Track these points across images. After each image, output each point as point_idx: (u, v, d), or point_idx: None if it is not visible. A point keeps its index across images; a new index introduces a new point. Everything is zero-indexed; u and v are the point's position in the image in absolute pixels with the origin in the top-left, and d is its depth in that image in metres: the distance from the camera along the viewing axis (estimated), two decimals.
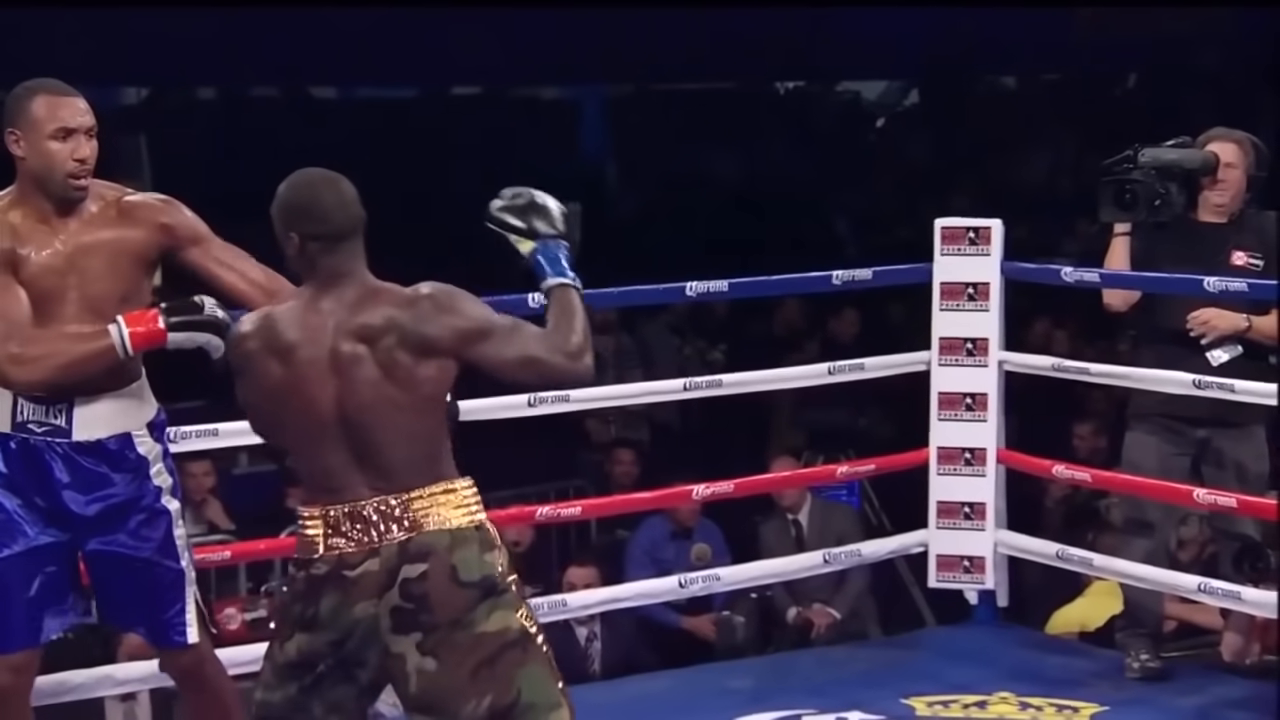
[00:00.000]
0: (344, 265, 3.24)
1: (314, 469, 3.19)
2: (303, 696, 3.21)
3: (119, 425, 3.49)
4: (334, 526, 3.16)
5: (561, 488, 7.47)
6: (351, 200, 3.27)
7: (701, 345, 9.39)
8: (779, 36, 11.25)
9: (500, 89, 12.43)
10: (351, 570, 3.14)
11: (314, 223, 3.20)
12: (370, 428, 3.16)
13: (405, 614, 3.14)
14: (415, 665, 3.13)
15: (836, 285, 5.18)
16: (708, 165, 11.89)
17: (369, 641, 3.16)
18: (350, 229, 3.25)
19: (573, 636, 6.54)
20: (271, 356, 3.17)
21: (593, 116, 12.81)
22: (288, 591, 3.24)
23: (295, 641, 3.19)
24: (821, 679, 5.03)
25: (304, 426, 3.16)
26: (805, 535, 6.96)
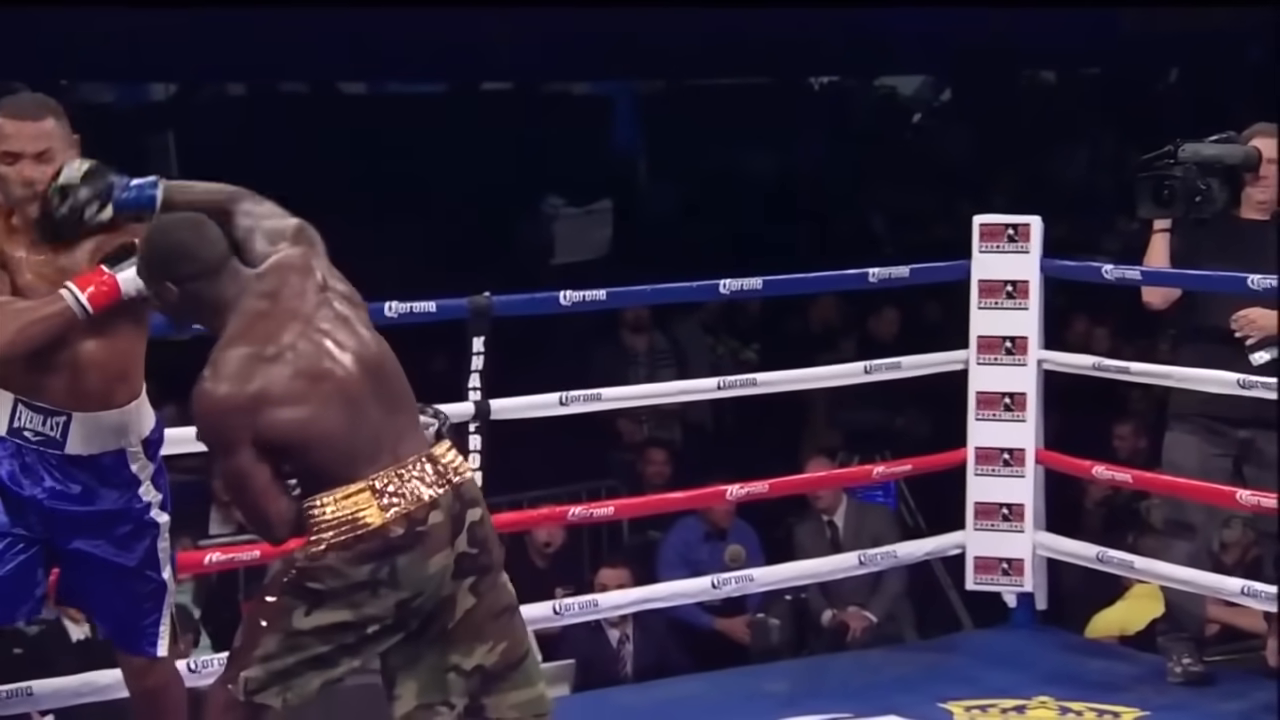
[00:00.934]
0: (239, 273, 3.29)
1: (358, 451, 3.21)
2: (343, 661, 3.26)
3: (113, 442, 3.47)
4: (383, 492, 3.21)
5: (593, 488, 7.43)
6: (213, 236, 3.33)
7: (735, 344, 9.34)
8: (813, 31, 11.18)
9: (531, 84, 12.39)
10: (423, 525, 3.22)
11: (194, 262, 3.26)
12: (392, 384, 3.28)
13: (469, 559, 3.26)
14: (462, 604, 3.26)
15: (873, 283, 5.13)
16: (741, 161, 11.83)
17: (437, 592, 3.24)
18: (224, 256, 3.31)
19: (604, 638, 6.50)
20: (285, 363, 3.20)
21: (624, 112, 12.76)
22: (340, 570, 3.21)
23: (349, 601, 3.21)
24: (857, 682, 4.98)
25: (341, 411, 3.20)
26: (840, 537, 6.92)
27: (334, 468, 3.22)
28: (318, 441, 3.20)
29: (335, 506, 3.21)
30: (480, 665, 3.29)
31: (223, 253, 3.28)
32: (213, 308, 3.26)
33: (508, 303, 4.58)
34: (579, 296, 4.63)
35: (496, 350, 4.52)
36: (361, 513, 3.21)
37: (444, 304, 4.46)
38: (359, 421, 3.23)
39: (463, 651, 3.28)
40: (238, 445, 3.18)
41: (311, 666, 3.26)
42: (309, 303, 3.27)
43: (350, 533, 3.21)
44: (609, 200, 10.80)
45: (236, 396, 3.17)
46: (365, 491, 3.21)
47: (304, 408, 3.20)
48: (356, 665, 3.30)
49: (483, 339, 4.48)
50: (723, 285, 4.87)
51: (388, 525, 3.21)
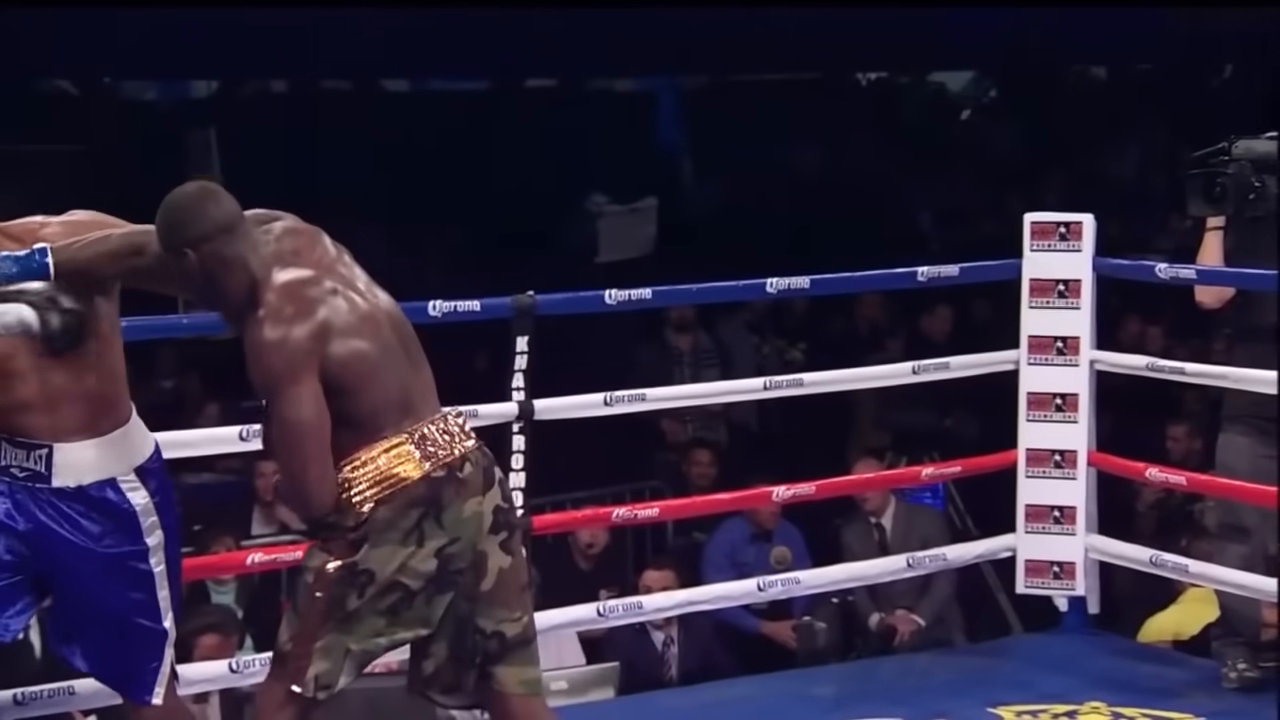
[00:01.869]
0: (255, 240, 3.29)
1: (396, 401, 3.28)
2: (394, 626, 3.29)
3: (102, 471, 3.39)
4: (420, 444, 3.28)
5: (637, 489, 7.39)
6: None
7: (780, 344, 9.29)
8: (861, 26, 11.11)
9: (574, 81, 12.34)
10: (460, 472, 3.30)
11: (205, 221, 3.25)
12: (414, 341, 3.36)
13: (502, 513, 3.35)
14: (496, 563, 3.33)
15: (921, 282, 5.07)
16: (787, 158, 11.76)
17: (469, 541, 3.30)
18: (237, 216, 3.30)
19: (649, 641, 6.45)
20: (339, 307, 3.24)
21: (668, 109, 12.71)
22: (385, 519, 3.26)
23: (395, 562, 3.26)
24: (905, 687, 4.93)
25: (387, 359, 3.27)
26: (888, 539, 6.86)
27: (378, 415, 3.26)
28: (374, 380, 3.26)
29: (379, 460, 3.26)
30: (501, 633, 3.35)
31: (235, 212, 3.28)
32: (239, 265, 3.25)
33: (552, 302, 4.54)
34: (624, 295, 4.58)
35: (539, 350, 4.47)
36: (401, 466, 3.27)
37: (488, 303, 4.42)
38: (398, 371, 3.30)
39: (490, 616, 3.34)
40: (305, 377, 3.19)
41: (368, 640, 3.29)
42: (331, 258, 3.33)
43: (393, 485, 3.26)
44: (654, 198, 10.75)
45: (306, 323, 3.20)
46: (405, 443, 3.28)
47: (364, 341, 3.25)
48: (399, 628, 3.30)
49: (526, 338, 4.43)
50: (769, 284, 4.82)
51: (427, 475, 3.28)
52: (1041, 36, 11.81)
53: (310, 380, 3.19)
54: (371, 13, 9.75)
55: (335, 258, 3.34)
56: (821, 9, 10.39)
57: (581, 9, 10.12)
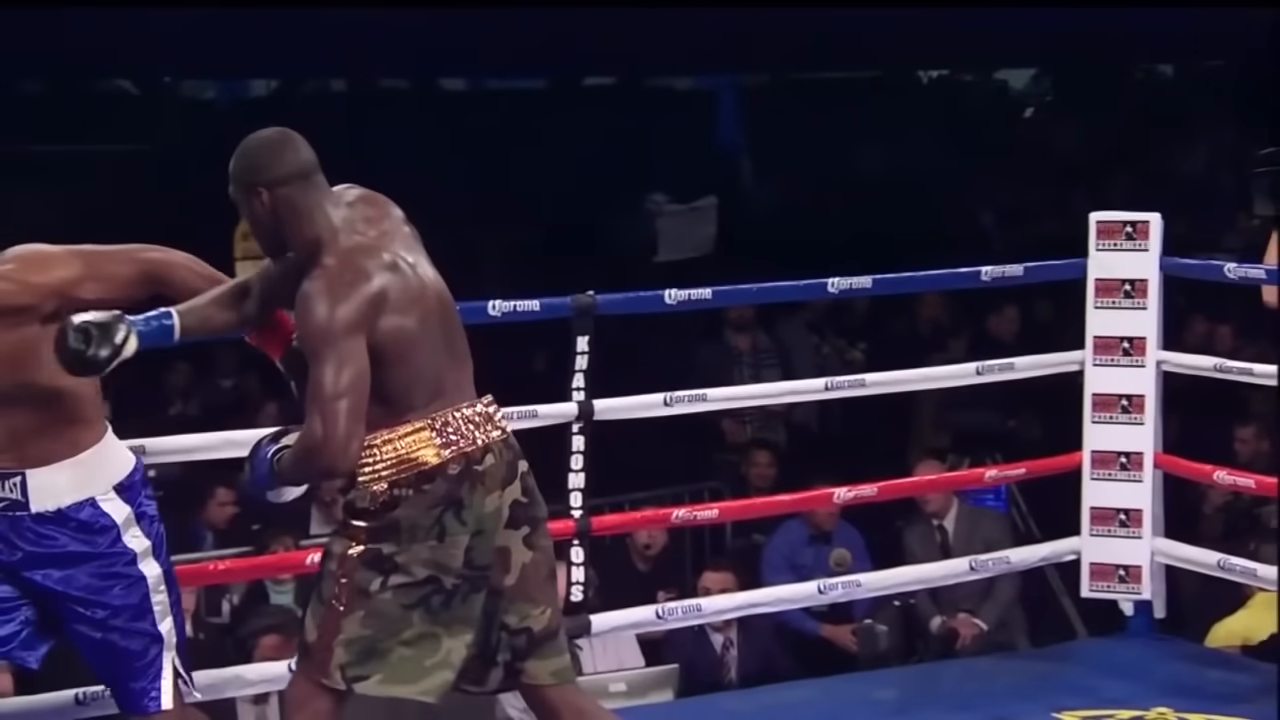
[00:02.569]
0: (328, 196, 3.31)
1: (428, 383, 3.28)
2: (427, 623, 3.28)
3: (80, 492, 3.37)
4: (441, 431, 3.27)
5: (696, 490, 7.36)
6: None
7: (840, 344, 9.24)
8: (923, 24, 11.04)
9: (633, 79, 12.32)
10: (479, 465, 3.29)
11: (285, 164, 3.28)
12: (456, 329, 3.35)
13: (521, 508, 3.34)
14: (519, 558, 3.33)
15: (985, 281, 5.01)
16: (848, 157, 11.71)
17: (490, 537, 3.30)
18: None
19: (708, 643, 6.41)
20: (394, 281, 3.24)
21: (728, 107, 12.67)
22: (404, 513, 3.27)
23: (421, 556, 3.26)
24: (968, 691, 4.88)
25: (428, 339, 3.26)
26: (951, 541, 6.80)
27: (407, 395, 3.26)
28: (410, 359, 3.24)
29: (398, 443, 3.26)
30: (528, 628, 3.36)
31: (313, 161, 3.30)
32: (308, 216, 3.26)
33: (612, 301, 4.50)
34: (684, 295, 4.54)
35: (598, 350, 4.44)
36: (420, 451, 3.26)
37: (548, 303, 4.39)
38: (434, 354, 3.29)
39: (515, 611, 3.35)
40: (350, 340, 3.17)
41: (397, 636, 3.29)
42: (396, 232, 3.33)
43: (410, 470, 3.26)
44: (713, 197, 10.71)
45: (359, 290, 3.20)
46: (426, 430, 3.27)
47: (410, 319, 3.25)
48: (440, 631, 3.30)
49: (586, 338, 4.40)
50: (831, 284, 4.76)
51: (445, 464, 3.27)
52: (1107, 33, 11.71)
53: (354, 344, 3.18)
54: (429, 12, 9.75)
55: (400, 232, 3.34)
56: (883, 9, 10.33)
57: (640, 7, 10.09)
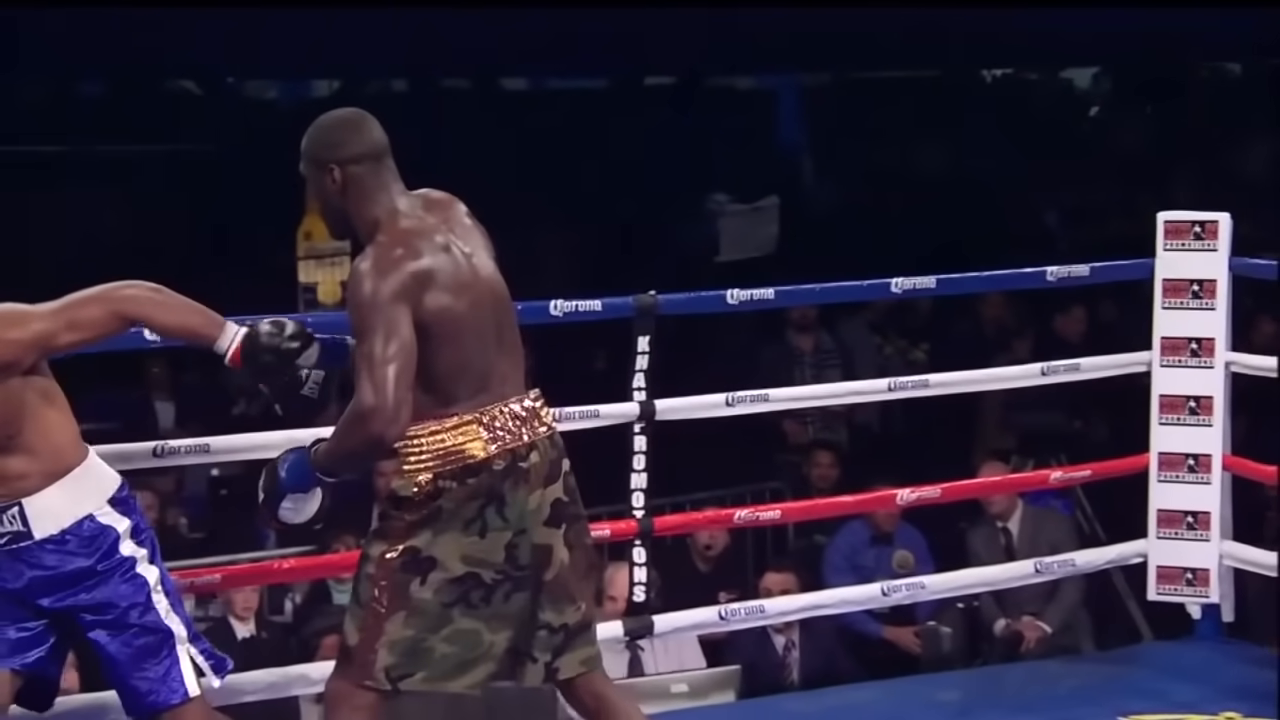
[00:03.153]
0: (396, 180, 3.36)
1: (474, 373, 3.30)
2: (469, 618, 3.30)
3: (78, 508, 3.41)
4: (491, 427, 3.29)
5: (757, 490, 7.32)
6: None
7: (903, 344, 9.18)
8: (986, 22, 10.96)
9: (693, 79, 12.29)
10: (524, 462, 3.32)
11: (361, 142, 3.35)
12: (512, 322, 3.38)
13: (562, 506, 3.37)
14: (559, 555, 3.36)
15: (1051, 282, 4.97)
16: (910, 156, 11.64)
17: (531, 534, 3.32)
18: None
19: (770, 644, 6.38)
20: (444, 263, 3.28)
21: (789, 106, 12.63)
22: (445, 504, 3.29)
23: (459, 553, 3.28)
24: (1033, 694, 4.86)
25: (476, 327, 3.29)
26: (1015, 543, 6.74)
27: (453, 381, 3.28)
28: (456, 343, 3.27)
29: (445, 435, 3.28)
30: (565, 624, 3.39)
31: (385, 142, 3.37)
32: (374, 196, 3.32)
33: (673, 301, 4.49)
34: (746, 295, 4.52)
35: (659, 350, 4.42)
36: (468, 445, 3.29)
37: (609, 302, 4.38)
38: (482, 344, 3.31)
39: (554, 609, 3.38)
40: (396, 310, 3.21)
41: (439, 633, 3.31)
42: (458, 223, 3.37)
43: (457, 463, 3.28)
44: (776, 197, 10.67)
45: (408, 265, 3.24)
46: (474, 424, 3.29)
47: (458, 302, 3.28)
48: (481, 627, 3.32)
49: (648, 338, 4.38)
50: (894, 284, 4.74)
51: (491, 459, 3.29)
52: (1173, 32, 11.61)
53: (400, 314, 3.21)
54: (491, 11, 9.76)
55: (460, 223, 3.38)
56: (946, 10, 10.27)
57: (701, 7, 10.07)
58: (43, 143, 10.70)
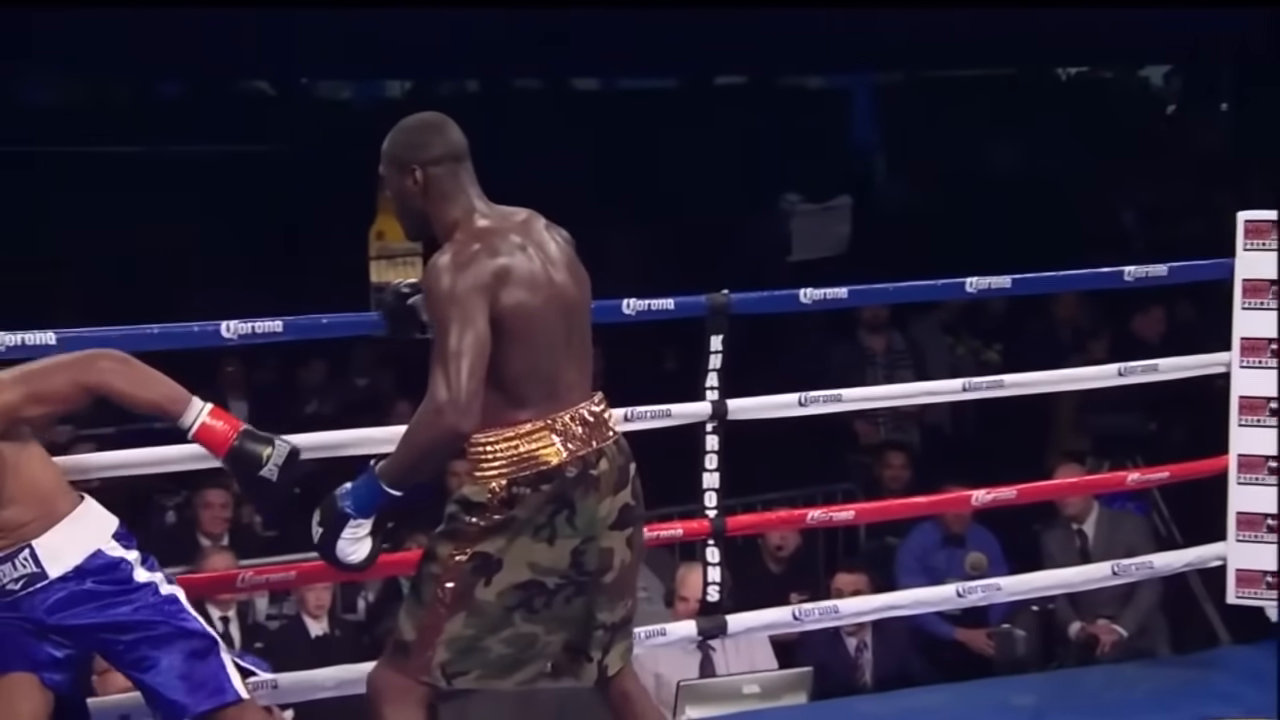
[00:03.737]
0: (474, 185, 3.39)
1: (544, 376, 3.30)
2: (529, 623, 3.32)
3: (87, 544, 3.41)
4: (564, 433, 3.31)
5: (829, 491, 7.29)
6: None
7: (976, 344, 9.12)
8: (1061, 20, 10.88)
9: (765, 78, 12.26)
10: (594, 469, 3.34)
11: (445, 143, 3.38)
12: (583, 330, 3.38)
13: (629, 510, 3.39)
14: (621, 557, 3.39)
15: (1128, 282, 4.90)
16: (984, 155, 11.57)
17: (598, 541, 3.35)
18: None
19: (842, 645, 6.35)
20: (521, 261, 3.30)
21: (862, 106, 12.58)
22: (519, 512, 3.30)
23: (526, 558, 3.30)
24: (1109, 698, 4.80)
25: (548, 329, 3.30)
26: (1090, 546, 6.68)
27: (522, 384, 3.28)
28: (528, 344, 3.27)
29: (519, 442, 3.29)
30: (615, 622, 3.43)
31: (465, 145, 3.40)
32: (453, 198, 3.35)
33: (746, 300, 4.45)
34: (819, 295, 4.48)
35: (730, 349, 4.39)
36: (542, 451, 3.30)
37: (682, 301, 4.34)
38: (553, 348, 3.31)
39: (609, 608, 3.41)
40: (470, 305, 3.22)
41: (497, 634, 3.33)
42: (534, 228, 3.38)
43: (531, 469, 3.29)
44: (848, 196, 10.62)
45: (483, 262, 3.26)
46: (546, 430, 3.30)
47: (533, 301, 3.29)
48: (539, 630, 3.34)
49: (720, 338, 4.36)
50: (969, 284, 4.68)
51: (564, 465, 3.30)
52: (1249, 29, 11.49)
53: (475, 310, 3.23)
54: (563, 11, 9.76)
55: (536, 229, 3.39)
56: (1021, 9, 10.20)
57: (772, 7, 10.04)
58: (122, 143, 10.81)
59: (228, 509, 6.92)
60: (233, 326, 3.80)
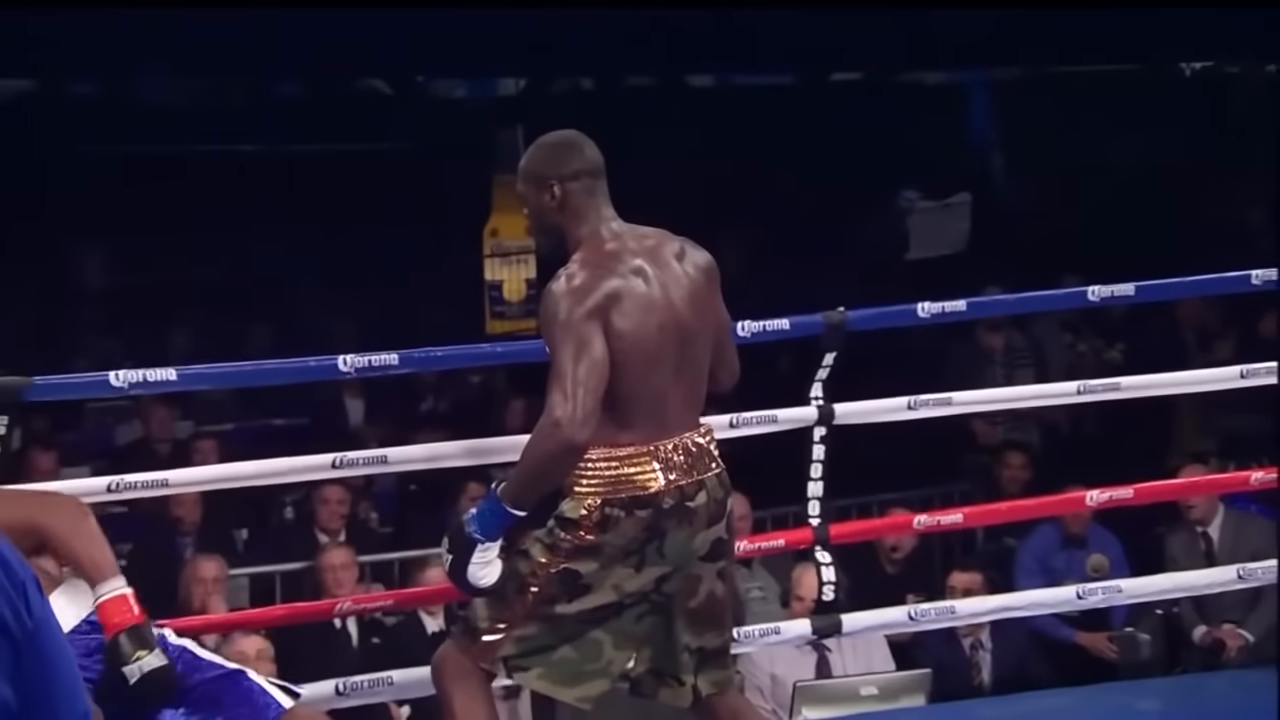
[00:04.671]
0: (607, 203, 3.44)
1: (651, 401, 3.33)
2: (598, 632, 3.38)
3: (81, 610, 3.34)
4: (665, 461, 3.34)
5: (946, 492, 7.20)
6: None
7: (1097, 343, 8.99)
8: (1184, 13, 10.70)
9: (881, 75, 12.16)
10: (691, 501, 3.36)
11: (585, 159, 3.45)
12: (697, 359, 3.39)
13: (722, 544, 3.43)
14: (707, 587, 3.42)
15: (1255, 286, 4.78)
16: (1105, 152, 11.40)
17: (686, 570, 3.39)
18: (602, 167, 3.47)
19: (957, 646, 6.26)
20: (636, 285, 3.33)
21: (980, 102, 12.44)
22: (613, 537, 3.34)
23: (613, 582, 3.34)
24: (1235, 703, 4.73)
25: (658, 355, 3.32)
26: (1215, 549, 6.55)
27: (627, 405, 3.31)
28: (634, 368, 3.30)
29: (620, 464, 3.33)
30: (702, 647, 3.45)
31: (601, 163, 3.46)
32: (587, 214, 3.41)
33: (863, 318, 4.36)
34: (937, 308, 4.38)
35: (846, 349, 4.32)
36: (640, 476, 3.33)
37: (798, 321, 4.25)
38: (662, 375, 3.34)
39: (694, 633, 3.43)
40: (593, 327, 3.28)
41: (567, 641, 3.39)
42: (662, 251, 3.41)
43: (627, 492, 3.33)
44: (967, 194, 10.50)
45: (598, 284, 3.32)
46: (648, 456, 3.33)
47: (645, 326, 3.32)
48: (605, 642, 3.40)
49: (834, 354, 4.29)
50: (1091, 292, 4.56)
51: (661, 494, 3.33)
52: None
53: (591, 331, 3.28)
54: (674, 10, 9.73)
55: (667, 253, 3.40)
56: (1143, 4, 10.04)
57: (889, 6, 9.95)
58: (238, 142, 10.91)
59: (344, 505, 6.96)
60: (349, 360, 3.83)
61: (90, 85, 11.19)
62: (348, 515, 6.99)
